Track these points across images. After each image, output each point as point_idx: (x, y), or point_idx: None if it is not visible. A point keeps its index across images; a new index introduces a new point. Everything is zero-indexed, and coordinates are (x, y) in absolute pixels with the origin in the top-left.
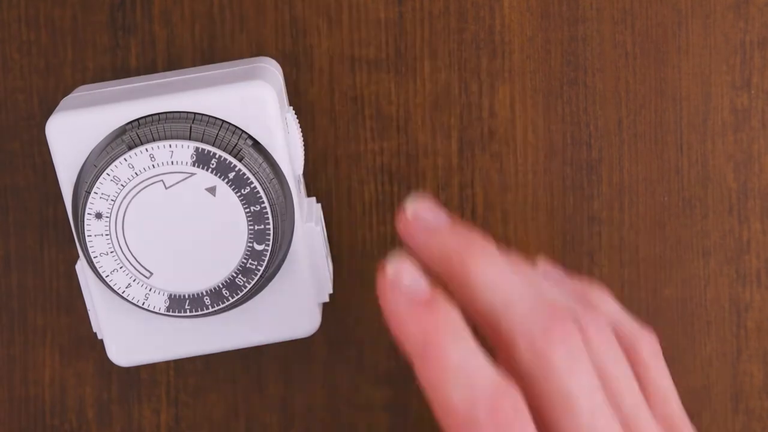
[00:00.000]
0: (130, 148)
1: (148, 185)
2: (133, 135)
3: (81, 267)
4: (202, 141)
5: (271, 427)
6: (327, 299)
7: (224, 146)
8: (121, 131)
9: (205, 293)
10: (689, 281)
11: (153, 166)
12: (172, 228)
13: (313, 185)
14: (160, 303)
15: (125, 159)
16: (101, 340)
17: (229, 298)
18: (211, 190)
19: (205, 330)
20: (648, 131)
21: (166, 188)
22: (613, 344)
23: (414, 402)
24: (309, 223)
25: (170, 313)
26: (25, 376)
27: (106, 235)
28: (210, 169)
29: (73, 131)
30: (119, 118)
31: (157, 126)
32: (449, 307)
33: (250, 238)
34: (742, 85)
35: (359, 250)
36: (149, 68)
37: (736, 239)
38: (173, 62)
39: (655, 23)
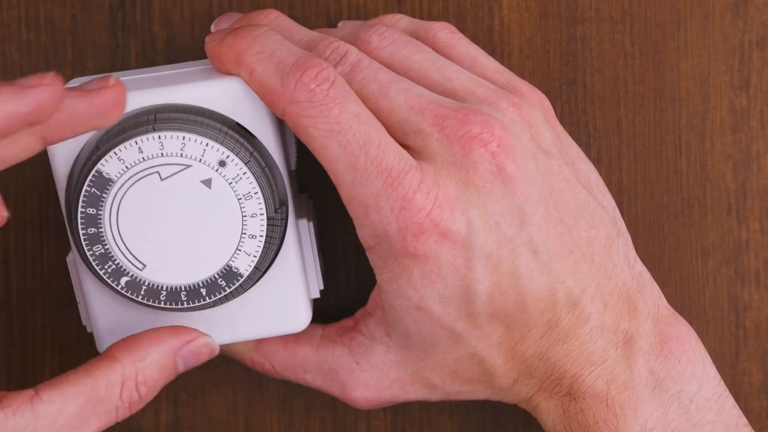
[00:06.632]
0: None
1: (143, 177)
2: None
3: (72, 259)
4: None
5: (271, 427)
6: (318, 295)
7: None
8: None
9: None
10: (688, 281)
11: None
12: (167, 220)
13: (305, 181)
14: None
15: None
16: None
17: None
18: (207, 183)
19: (196, 325)
20: (647, 131)
21: (161, 180)
22: (401, 39)
23: (414, 402)
24: (301, 218)
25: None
26: (25, 376)
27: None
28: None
29: None
30: None
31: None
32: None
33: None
34: (741, 85)
35: (353, 247)
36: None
37: (734, 239)
38: (173, 62)
39: (653, 23)
